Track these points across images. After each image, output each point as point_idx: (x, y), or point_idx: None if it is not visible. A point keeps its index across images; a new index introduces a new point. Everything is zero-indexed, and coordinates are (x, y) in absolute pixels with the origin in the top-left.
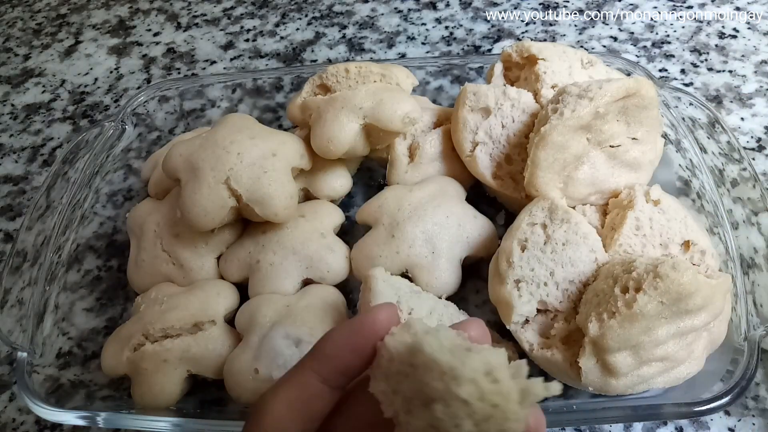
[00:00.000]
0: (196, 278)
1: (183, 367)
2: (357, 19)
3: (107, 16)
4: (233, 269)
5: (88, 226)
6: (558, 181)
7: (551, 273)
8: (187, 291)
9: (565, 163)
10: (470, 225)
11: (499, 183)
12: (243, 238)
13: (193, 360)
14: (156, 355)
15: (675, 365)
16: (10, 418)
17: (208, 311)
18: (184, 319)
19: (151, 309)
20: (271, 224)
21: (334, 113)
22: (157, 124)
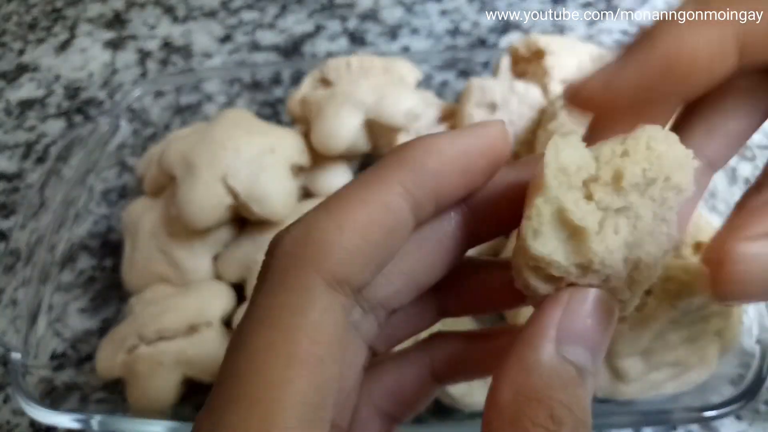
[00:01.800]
0: (191, 279)
1: (178, 370)
2: (359, 12)
3: (103, 10)
4: (230, 269)
5: (82, 225)
6: None
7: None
8: (183, 292)
9: None
10: None
11: None
12: (240, 237)
13: (189, 363)
14: (151, 358)
15: (686, 370)
16: (4, 420)
17: (204, 313)
18: (180, 321)
19: (146, 310)
20: (269, 223)
21: (335, 108)
22: (152, 120)
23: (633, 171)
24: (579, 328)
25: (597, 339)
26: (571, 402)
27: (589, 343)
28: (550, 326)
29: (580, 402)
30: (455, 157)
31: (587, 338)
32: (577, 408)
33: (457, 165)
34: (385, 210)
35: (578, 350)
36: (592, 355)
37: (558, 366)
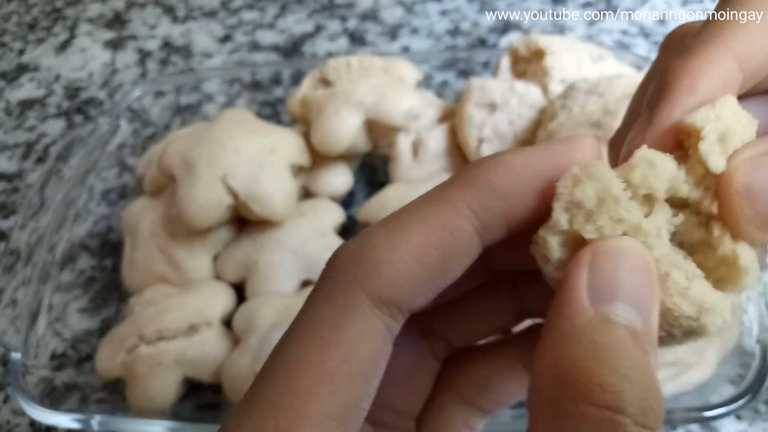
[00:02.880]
0: (191, 279)
1: (178, 370)
2: (359, 11)
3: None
4: (230, 269)
5: (82, 225)
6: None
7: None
8: (183, 292)
9: None
10: None
11: None
12: (240, 237)
13: (189, 363)
14: (151, 358)
15: (685, 370)
16: (4, 420)
17: (204, 313)
18: (180, 320)
19: (146, 310)
20: (269, 223)
21: (335, 108)
22: (152, 120)
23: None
24: (612, 281)
25: (638, 290)
26: (628, 366)
27: (630, 295)
28: (579, 287)
29: (639, 364)
30: (530, 177)
31: (626, 291)
32: (637, 372)
33: (532, 186)
34: (446, 232)
35: (620, 306)
36: (640, 310)
37: (601, 328)
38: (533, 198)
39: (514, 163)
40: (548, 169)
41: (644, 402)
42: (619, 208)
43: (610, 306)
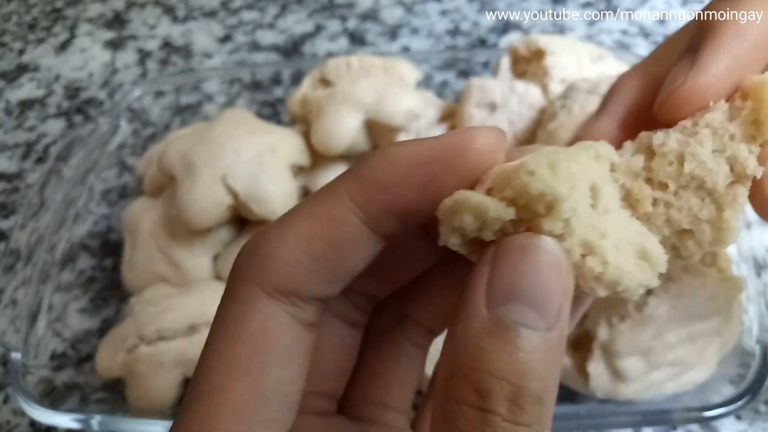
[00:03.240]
0: (191, 279)
1: (178, 371)
2: (359, 11)
3: (103, 10)
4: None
5: (82, 225)
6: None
7: None
8: (183, 292)
9: None
10: None
11: None
12: (240, 237)
13: (189, 363)
14: (151, 358)
15: (686, 370)
16: (4, 420)
17: (204, 313)
18: (180, 321)
19: (146, 310)
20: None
21: (335, 108)
22: (152, 120)
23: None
24: (509, 281)
25: (539, 289)
26: (511, 371)
27: (529, 296)
28: (478, 289)
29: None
30: (412, 170)
31: (525, 291)
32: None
33: (414, 179)
34: (331, 223)
35: (515, 308)
36: (540, 310)
37: (492, 332)
38: (417, 190)
39: (397, 156)
40: (430, 162)
41: (516, 402)
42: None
43: (505, 308)
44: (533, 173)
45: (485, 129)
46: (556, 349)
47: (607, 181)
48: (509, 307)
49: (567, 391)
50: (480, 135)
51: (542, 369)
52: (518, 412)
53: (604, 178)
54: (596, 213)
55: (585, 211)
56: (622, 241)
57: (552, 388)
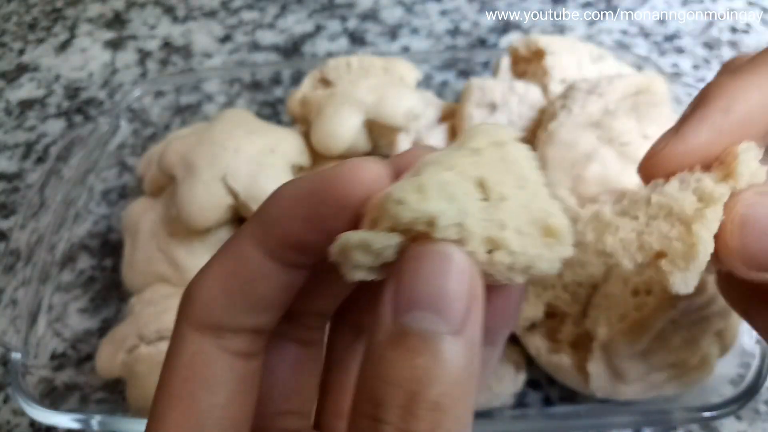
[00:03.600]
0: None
1: None
2: (359, 11)
3: (103, 10)
4: None
5: (82, 225)
6: (567, 179)
7: (559, 275)
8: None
9: (574, 162)
10: None
11: None
12: None
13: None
14: (151, 358)
15: (686, 370)
16: (4, 420)
17: None
18: None
19: (146, 310)
20: None
21: (335, 108)
22: (152, 120)
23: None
24: (410, 289)
25: (436, 293)
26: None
27: (431, 302)
28: (386, 301)
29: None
30: (292, 204)
31: (427, 298)
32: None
33: (296, 212)
34: (238, 261)
35: (418, 315)
36: (444, 315)
37: (394, 339)
38: (301, 223)
39: (284, 192)
40: (309, 196)
41: (408, 408)
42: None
43: (408, 316)
44: (401, 202)
45: (364, 161)
46: (465, 353)
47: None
48: (412, 314)
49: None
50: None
51: (443, 374)
52: (410, 420)
53: (492, 166)
54: (491, 204)
55: (477, 209)
56: (525, 223)
57: (460, 393)
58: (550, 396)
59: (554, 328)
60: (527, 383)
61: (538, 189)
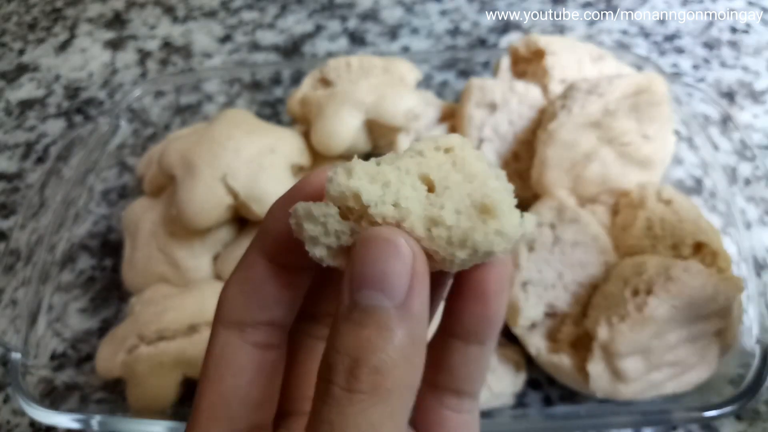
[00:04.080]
0: (191, 279)
1: (178, 371)
2: (359, 11)
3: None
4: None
5: (82, 225)
6: (567, 179)
7: (559, 275)
8: (183, 292)
9: (574, 162)
10: None
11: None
12: (240, 237)
13: (189, 363)
14: (151, 358)
15: (686, 370)
16: (4, 420)
17: (204, 313)
18: (180, 320)
19: (146, 310)
20: None
21: (335, 108)
22: (152, 120)
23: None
24: (359, 270)
25: (379, 272)
26: (352, 347)
27: (375, 280)
28: (344, 283)
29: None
30: (279, 212)
31: (371, 277)
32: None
33: (283, 217)
34: (249, 268)
35: (366, 292)
36: (387, 291)
37: (348, 314)
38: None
39: (273, 205)
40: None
41: (351, 372)
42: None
43: (359, 294)
44: (331, 180)
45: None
46: (407, 324)
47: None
48: (362, 293)
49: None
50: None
51: (385, 343)
52: (353, 382)
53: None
54: (435, 195)
55: (416, 196)
56: (465, 205)
57: (399, 359)
58: (550, 396)
59: (554, 328)
60: (527, 383)
61: (486, 181)
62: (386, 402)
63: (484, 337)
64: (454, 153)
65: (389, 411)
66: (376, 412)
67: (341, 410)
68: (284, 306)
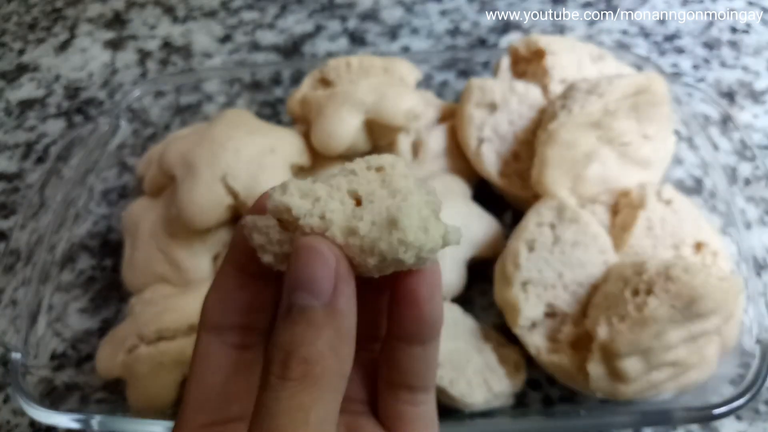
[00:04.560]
0: (191, 279)
1: (178, 371)
2: (359, 11)
3: (103, 10)
4: None
5: (82, 225)
6: (567, 179)
7: (559, 275)
8: (183, 292)
9: (574, 161)
10: (476, 224)
11: (506, 181)
12: None
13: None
14: (151, 358)
15: (685, 370)
16: (4, 420)
17: None
18: (180, 321)
19: (146, 310)
20: None
21: (335, 108)
22: (152, 120)
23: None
24: (292, 275)
25: (306, 276)
26: (286, 341)
27: (303, 283)
28: (285, 285)
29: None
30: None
31: (300, 280)
32: (288, 342)
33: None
34: (223, 277)
35: (298, 294)
36: (313, 292)
37: (284, 314)
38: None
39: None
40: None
41: (284, 362)
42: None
43: (293, 296)
44: (270, 196)
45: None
46: (333, 320)
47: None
48: (295, 294)
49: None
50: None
51: (313, 337)
52: (286, 371)
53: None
54: (361, 208)
55: (342, 210)
56: (381, 218)
57: (326, 350)
58: (550, 396)
59: (554, 328)
60: (527, 383)
61: (408, 197)
62: (314, 387)
63: (423, 338)
64: (385, 172)
65: (317, 395)
66: (305, 396)
67: (276, 395)
68: (255, 311)
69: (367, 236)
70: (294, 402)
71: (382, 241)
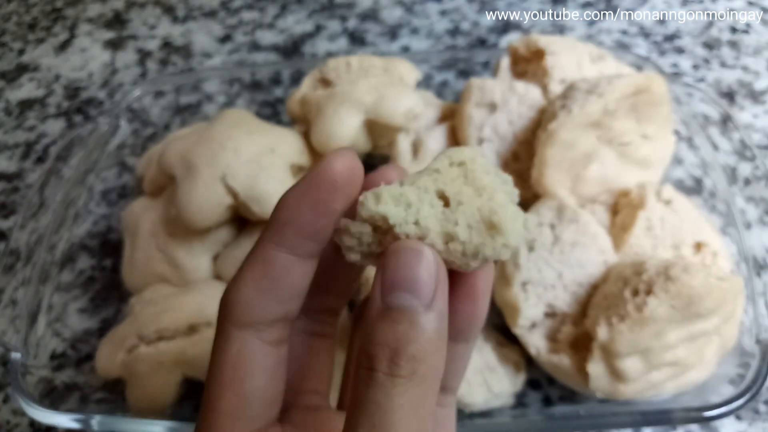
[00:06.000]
0: (191, 278)
1: (178, 371)
2: (359, 11)
3: (103, 10)
4: (230, 270)
5: (82, 225)
6: (566, 179)
7: (559, 275)
8: (183, 292)
9: (574, 161)
10: None
11: None
12: (240, 237)
13: (189, 363)
14: (150, 358)
15: (685, 370)
16: (4, 420)
17: (204, 313)
18: (179, 321)
19: (146, 310)
20: None
21: (335, 108)
22: (152, 120)
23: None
24: (392, 276)
25: (409, 278)
26: (391, 340)
27: (403, 284)
28: (376, 285)
29: (400, 338)
30: (296, 202)
31: (403, 281)
32: (394, 340)
33: (301, 205)
34: (265, 264)
35: (398, 294)
36: (416, 293)
37: (383, 313)
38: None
39: (286, 198)
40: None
41: (393, 360)
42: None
43: (391, 296)
44: (362, 204)
45: (336, 154)
46: (434, 320)
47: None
48: (394, 294)
49: (567, 391)
50: (335, 154)
51: (418, 335)
52: (395, 368)
53: (452, 181)
54: (451, 209)
55: (433, 213)
56: (475, 221)
57: (431, 349)
58: (550, 396)
59: (554, 328)
60: (527, 383)
61: (494, 194)
62: (422, 384)
63: (469, 335)
64: (466, 167)
65: (425, 391)
66: (415, 393)
67: (386, 392)
68: (299, 297)
69: (469, 242)
70: (405, 398)
71: (487, 246)
